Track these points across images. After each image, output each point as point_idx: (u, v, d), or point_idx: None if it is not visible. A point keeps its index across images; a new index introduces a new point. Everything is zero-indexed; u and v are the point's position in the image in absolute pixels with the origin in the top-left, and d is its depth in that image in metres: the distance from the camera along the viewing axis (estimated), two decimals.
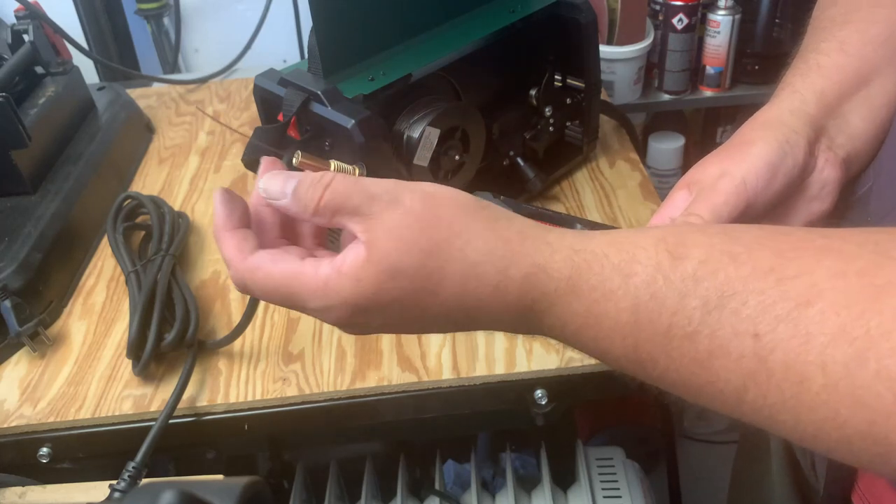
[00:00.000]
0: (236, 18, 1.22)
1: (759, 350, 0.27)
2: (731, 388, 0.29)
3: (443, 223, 0.34)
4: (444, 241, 0.33)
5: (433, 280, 0.33)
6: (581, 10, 0.70)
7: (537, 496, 0.66)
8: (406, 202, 0.34)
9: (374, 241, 0.33)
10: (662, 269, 0.30)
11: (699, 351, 0.29)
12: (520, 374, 0.57)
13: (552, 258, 0.33)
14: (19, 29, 0.81)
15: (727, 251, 0.30)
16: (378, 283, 0.33)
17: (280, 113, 0.57)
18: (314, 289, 0.34)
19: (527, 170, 0.73)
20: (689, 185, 0.44)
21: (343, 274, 0.33)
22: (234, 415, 0.57)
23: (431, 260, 0.33)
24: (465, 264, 0.33)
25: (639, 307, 0.31)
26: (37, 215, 0.69)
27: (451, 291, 0.33)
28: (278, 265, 0.35)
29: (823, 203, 0.45)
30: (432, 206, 0.34)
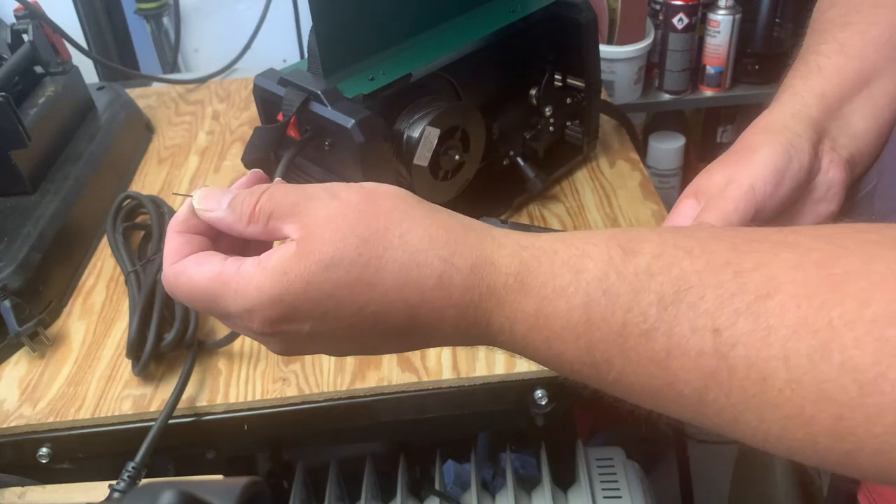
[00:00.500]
0: (236, 18, 1.22)
1: (720, 346, 0.26)
2: (692, 389, 0.27)
3: (381, 212, 0.32)
4: (382, 228, 0.31)
5: (370, 269, 0.30)
6: (581, 10, 0.70)
7: (537, 496, 0.66)
8: (342, 195, 0.32)
9: (305, 235, 0.31)
10: (614, 264, 0.29)
11: (656, 350, 0.28)
12: (520, 374, 0.57)
13: (499, 252, 0.31)
14: (19, 29, 0.81)
15: (681, 246, 0.29)
16: (308, 275, 0.30)
17: (280, 113, 0.57)
18: (234, 288, 0.31)
19: (527, 170, 0.73)
20: (696, 193, 0.44)
21: (267, 269, 0.31)
22: (233, 415, 0.57)
23: (369, 248, 0.31)
24: (406, 252, 0.31)
25: (591, 304, 0.29)
26: (36, 215, 0.69)
27: (392, 283, 0.31)
28: (201, 268, 0.33)
29: (830, 204, 0.45)
30: (370, 198, 0.32)
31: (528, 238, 0.32)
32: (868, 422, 0.24)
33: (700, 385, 0.27)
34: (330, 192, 0.32)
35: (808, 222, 0.45)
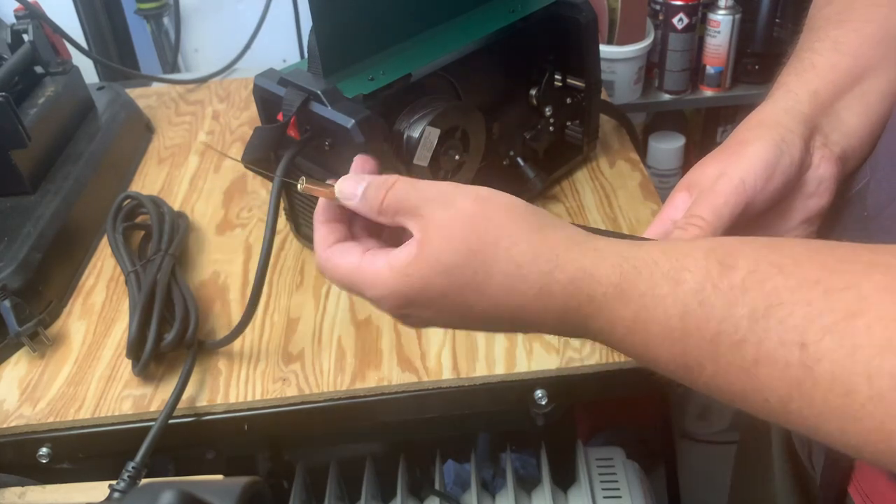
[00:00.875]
0: (236, 18, 1.22)
1: (806, 360, 0.28)
2: (777, 396, 0.29)
3: (492, 224, 0.35)
4: (491, 241, 0.35)
5: (478, 278, 0.35)
6: (581, 10, 0.70)
7: (537, 496, 0.66)
8: (458, 204, 0.36)
9: (425, 240, 0.36)
10: (711, 278, 0.31)
11: (745, 359, 0.29)
12: (520, 374, 0.57)
13: (601, 263, 0.34)
14: (19, 29, 0.81)
15: (775, 262, 0.30)
16: (425, 278, 0.35)
17: (280, 113, 0.57)
18: (370, 281, 0.37)
19: (527, 170, 0.73)
20: (688, 187, 0.44)
21: (393, 268, 0.36)
22: (233, 415, 0.57)
23: (478, 259, 0.35)
24: (511, 265, 0.34)
25: (687, 314, 0.31)
26: (36, 215, 0.69)
27: (496, 291, 0.35)
28: (344, 258, 0.39)
29: (821, 199, 0.46)
30: (483, 209, 0.36)
31: (631, 248, 0.34)
32: None
33: (785, 394, 0.29)
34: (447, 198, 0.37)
35: (798, 217, 0.46)
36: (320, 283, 0.68)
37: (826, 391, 0.27)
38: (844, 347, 0.27)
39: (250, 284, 0.67)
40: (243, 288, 0.68)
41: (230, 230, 0.76)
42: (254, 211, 0.79)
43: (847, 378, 0.26)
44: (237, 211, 0.79)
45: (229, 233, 0.76)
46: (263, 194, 0.81)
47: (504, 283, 0.35)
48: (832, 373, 0.27)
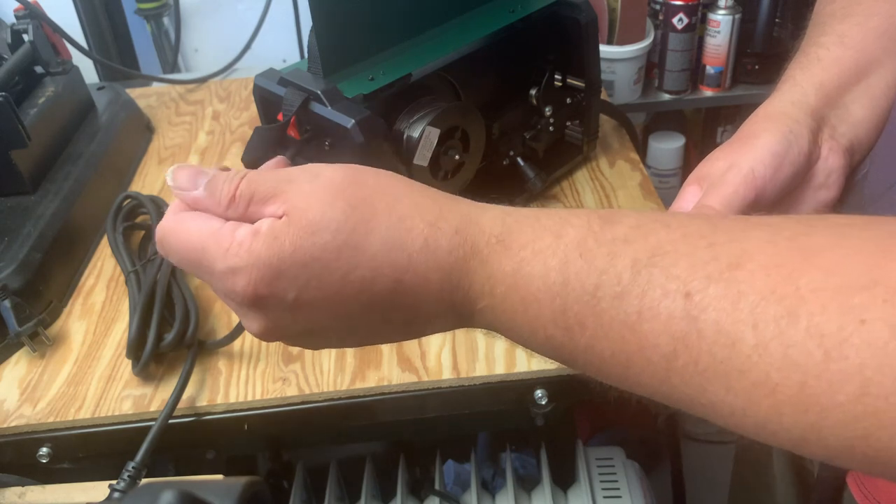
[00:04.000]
0: (236, 18, 1.22)
1: (691, 309, 0.26)
2: (661, 354, 0.27)
3: (368, 185, 0.32)
4: (369, 196, 0.32)
5: (358, 234, 0.31)
6: (581, 10, 0.70)
7: (537, 496, 0.66)
8: (325, 173, 0.33)
9: (292, 207, 0.31)
10: (593, 231, 0.30)
11: (629, 313, 0.28)
12: (520, 374, 0.57)
13: (484, 215, 0.32)
14: (19, 29, 0.81)
15: (659, 220, 0.30)
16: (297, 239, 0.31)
17: (280, 113, 0.57)
18: (226, 247, 0.31)
19: (527, 170, 0.73)
20: (698, 180, 0.45)
21: (260, 232, 0.31)
22: (233, 415, 0.57)
23: (356, 213, 0.31)
24: (394, 216, 0.31)
25: (567, 265, 0.30)
26: (36, 215, 0.69)
27: (379, 247, 0.31)
28: (199, 222, 0.33)
29: (830, 191, 0.46)
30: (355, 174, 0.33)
31: (514, 208, 0.33)
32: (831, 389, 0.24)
33: (669, 350, 0.27)
34: (311, 172, 0.33)
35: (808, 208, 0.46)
36: None
37: (711, 343, 0.26)
38: (729, 295, 0.26)
39: None
40: None
41: None
42: None
43: (732, 327, 0.25)
44: None
45: None
46: None
47: (386, 238, 0.31)
48: (717, 322, 0.26)
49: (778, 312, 0.25)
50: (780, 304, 0.25)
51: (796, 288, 0.25)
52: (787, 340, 0.24)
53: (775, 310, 0.25)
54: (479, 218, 0.32)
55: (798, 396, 0.24)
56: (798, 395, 0.24)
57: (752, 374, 0.25)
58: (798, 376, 0.24)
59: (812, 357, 0.24)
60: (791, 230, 0.27)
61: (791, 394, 0.24)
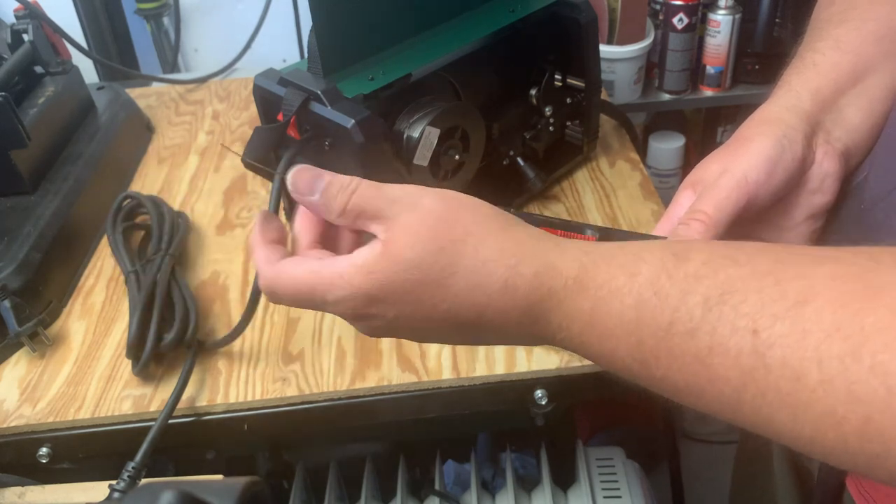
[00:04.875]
0: (236, 18, 1.22)
1: (758, 346, 0.28)
2: (731, 387, 0.29)
3: (459, 223, 0.35)
4: (458, 239, 0.35)
5: (445, 274, 0.34)
6: (581, 10, 0.70)
7: (537, 496, 0.66)
8: (425, 204, 0.36)
9: (390, 239, 0.35)
10: (666, 269, 0.31)
11: (700, 348, 0.29)
12: (520, 374, 0.57)
13: (562, 257, 0.34)
14: (19, 29, 0.81)
15: (728, 255, 0.31)
16: (390, 275, 0.35)
17: (280, 112, 0.57)
18: (330, 281, 0.36)
19: (527, 170, 0.73)
20: (693, 184, 0.45)
21: (356, 266, 0.35)
22: (233, 415, 0.57)
23: (444, 256, 0.34)
24: (477, 261, 0.34)
25: (642, 304, 0.31)
26: (36, 215, 0.69)
27: (462, 286, 0.34)
28: (299, 266, 0.37)
29: (825, 196, 0.46)
30: (450, 208, 0.36)
31: (590, 245, 0.35)
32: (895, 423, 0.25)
33: (739, 383, 0.29)
34: (413, 199, 0.36)
35: (803, 213, 0.46)
36: None
37: (778, 377, 0.27)
38: (794, 333, 0.27)
39: (250, 284, 0.67)
40: (243, 288, 0.68)
41: (230, 230, 0.76)
42: (254, 211, 0.79)
43: (798, 363, 0.27)
44: (237, 211, 0.79)
45: (229, 233, 0.76)
46: (263, 194, 0.81)
47: (469, 279, 0.34)
48: (783, 358, 0.27)
49: (843, 350, 0.26)
50: (845, 342, 0.26)
51: (861, 327, 0.26)
52: (851, 377, 0.26)
53: (840, 348, 0.26)
54: (558, 261, 0.34)
55: (863, 429, 0.26)
56: (863, 428, 0.26)
57: (818, 407, 0.27)
58: (863, 410, 0.25)
59: (876, 394, 0.25)
60: (857, 266, 0.28)
61: (856, 426, 0.26)
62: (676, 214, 0.44)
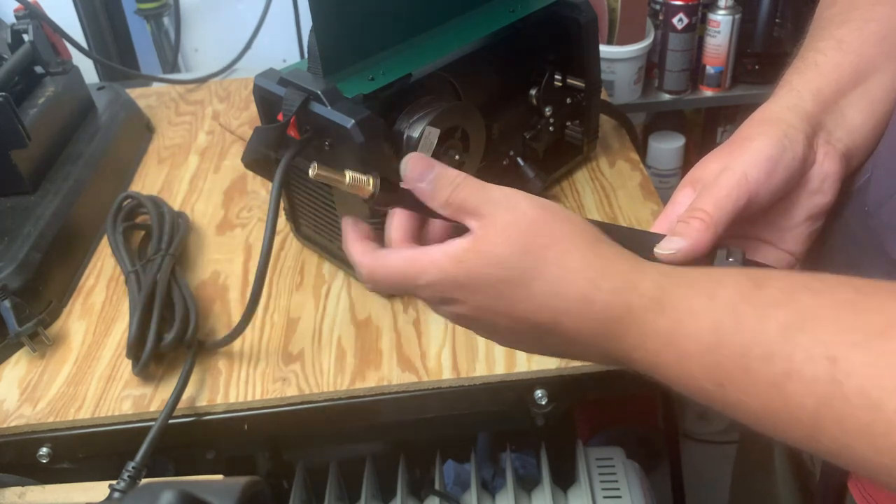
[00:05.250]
0: (236, 18, 1.22)
1: (836, 374, 0.28)
2: (807, 414, 0.29)
3: (549, 230, 0.37)
4: (545, 245, 0.36)
5: (527, 276, 0.36)
6: (581, 10, 0.70)
7: (537, 496, 0.66)
8: (522, 208, 0.37)
9: (483, 234, 0.37)
10: (744, 294, 0.32)
11: (776, 373, 0.30)
12: (520, 374, 0.57)
13: (643, 277, 0.35)
14: (19, 29, 0.81)
15: (806, 284, 0.32)
16: (477, 265, 0.36)
17: (280, 113, 0.57)
18: (423, 267, 0.38)
19: (527, 170, 0.73)
20: (692, 183, 0.45)
21: (447, 254, 0.37)
22: (233, 415, 0.57)
23: (529, 258, 0.36)
24: (560, 268, 0.36)
25: (720, 327, 0.32)
26: (36, 215, 0.69)
27: (542, 290, 0.36)
28: (396, 254, 0.40)
29: (826, 196, 0.46)
30: (544, 216, 0.37)
31: (672, 268, 0.37)
32: None
33: (814, 410, 0.29)
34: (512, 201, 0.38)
35: (803, 213, 0.46)
36: (320, 282, 0.68)
37: (855, 407, 0.28)
38: (873, 364, 0.27)
39: (250, 284, 0.67)
40: (243, 288, 0.68)
41: (230, 230, 0.76)
42: (254, 211, 0.79)
43: (875, 393, 0.27)
44: (237, 211, 0.79)
45: (229, 233, 0.76)
46: (263, 194, 0.81)
47: (550, 285, 0.36)
48: (861, 388, 0.28)
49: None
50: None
51: None
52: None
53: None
54: (638, 281, 0.35)
55: None
56: None
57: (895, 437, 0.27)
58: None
59: None
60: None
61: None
62: (675, 213, 0.44)
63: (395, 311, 0.64)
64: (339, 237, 0.65)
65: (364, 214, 0.58)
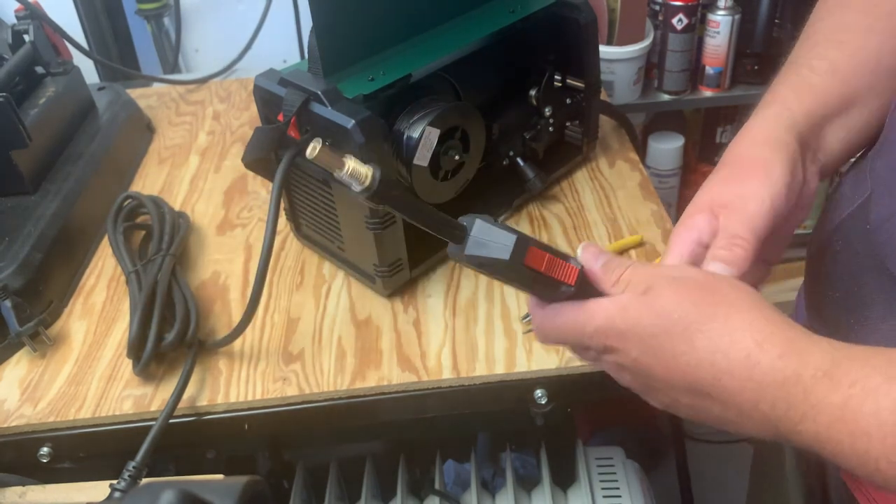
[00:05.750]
0: (236, 18, 1.22)
1: None
2: None
3: (717, 291, 0.37)
4: (713, 303, 0.36)
5: (691, 329, 0.36)
6: (581, 10, 0.70)
7: (537, 496, 0.67)
8: (691, 272, 0.39)
9: (651, 288, 0.38)
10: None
11: None
12: (520, 374, 0.57)
13: (813, 347, 0.34)
14: (20, 29, 0.81)
15: None
16: (641, 314, 0.37)
17: (280, 113, 0.57)
18: (592, 313, 0.39)
19: (527, 170, 0.73)
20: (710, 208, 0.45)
21: (616, 302, 0.38)
22: (234, 415, 0.57)
23: (695, 312, 0.36)
24: (726, 326, 0.35)
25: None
26: (37, 215, 0.69)
27: (704, 346, 0.35)
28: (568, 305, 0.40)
29: (807, 211, 0.48)
30: (712, 280, 0.38)
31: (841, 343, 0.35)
32: None
33: None
34: (680, 271, 0.40)
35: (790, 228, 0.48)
36: (320, 282, 0.68)
37: None
38: None
39: (251, 284, 0.67)
40: (244, 288, 0.68)
41: (230, 230, 0.76)
42: (254, 211, 0.79)
43: None
44: (237, 211, 0.79)
45: (230, 233, 0.76)
46: (264, 194, 0.81)
47: (714, 342, 0.35)
48: None
49: None
50: None
51: None
52: None
53: None
54: (807, 349, 0.34)
55: None
56: None
57: None
58: None
59: None
60: None
61: None
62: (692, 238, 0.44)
63: (395, 311, 0.64)
64: (339, 237, 0.65)
65: (363, 215, 0.58)
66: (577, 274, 0.40)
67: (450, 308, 0.64)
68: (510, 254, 0.38)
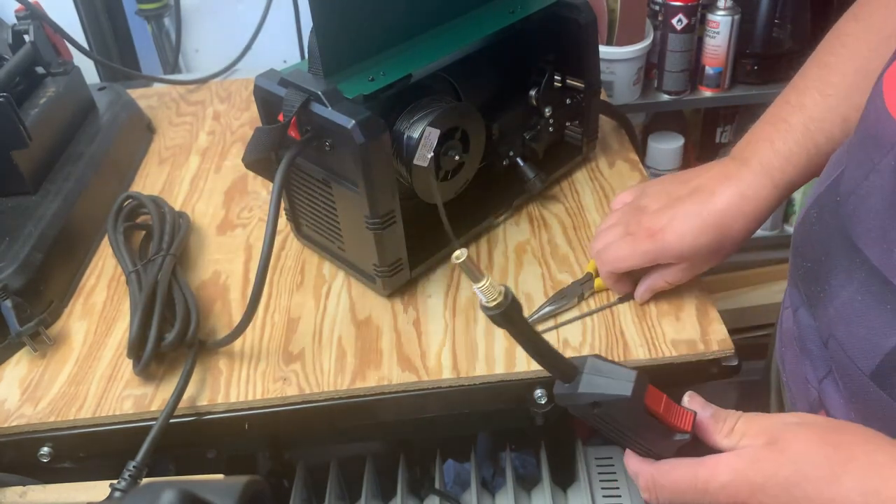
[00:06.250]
0: (236, 19, 1.22)
1: None
2: None
3: (847, 431, 0.36)
4: (849, 442, 0.35)
5: (836, 470, 0.34)
6: (581, 11, 0.70)
7: (537, 496, 0.67)
8: (811, 419, 0.37)
9: (779, 437, 0.36)
10: None
11: None
12: (519, 373, 0.57)
13: None
14: (20, 29, 0.81)
15: None
16: (778, 464, 0.35)
17: (280, 113, 0.57)
18: (714, 469, 0.37)
19: (527, 170, 0.73)
20: None
21: (740, 455, 0.37)
22: (234, 414, 0.57)
23: (837, 453, 0.35)
24: (872, 463, 0.34)
25: None
26: (37, 215, 0.69)
27: (854, 485, 0.34)
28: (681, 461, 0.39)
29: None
30: (836, 422, 0.38)
31: None
32: None
33: None
34: (799, 417, 0.38)
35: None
36: (320, 282, 0.68)
37: None
38: None
39: (251, 284, 0.67)
40: (244, 288, 0.68)
41: (231, 230, 0.76)
42: (254, 211, 0.79)
43: None
44: (238, 211, 0.79)
45: (230, 233, 0.76)
46: (264, 194, 0.81)
47: (863, 481, 0.34)
48: None
49: None
50: None
51: None
52: None
53: None
54: None
55: None
56: None
57: None
58: None
59: None
60: None
61: None
62: None
63: (395, 311, 0.64)
64: (339, 237, 0.65)
65: (363, 215, 0.58)
66: (693, 419, 0.37)
67: (450, 308, 0.64)
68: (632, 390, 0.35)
